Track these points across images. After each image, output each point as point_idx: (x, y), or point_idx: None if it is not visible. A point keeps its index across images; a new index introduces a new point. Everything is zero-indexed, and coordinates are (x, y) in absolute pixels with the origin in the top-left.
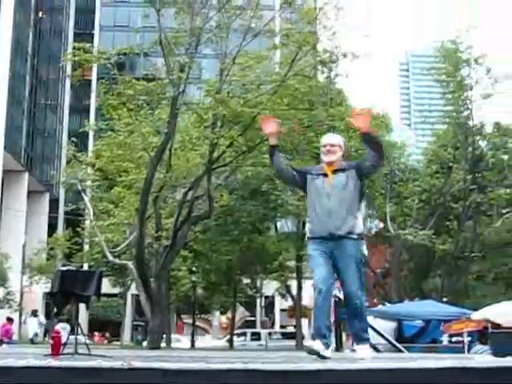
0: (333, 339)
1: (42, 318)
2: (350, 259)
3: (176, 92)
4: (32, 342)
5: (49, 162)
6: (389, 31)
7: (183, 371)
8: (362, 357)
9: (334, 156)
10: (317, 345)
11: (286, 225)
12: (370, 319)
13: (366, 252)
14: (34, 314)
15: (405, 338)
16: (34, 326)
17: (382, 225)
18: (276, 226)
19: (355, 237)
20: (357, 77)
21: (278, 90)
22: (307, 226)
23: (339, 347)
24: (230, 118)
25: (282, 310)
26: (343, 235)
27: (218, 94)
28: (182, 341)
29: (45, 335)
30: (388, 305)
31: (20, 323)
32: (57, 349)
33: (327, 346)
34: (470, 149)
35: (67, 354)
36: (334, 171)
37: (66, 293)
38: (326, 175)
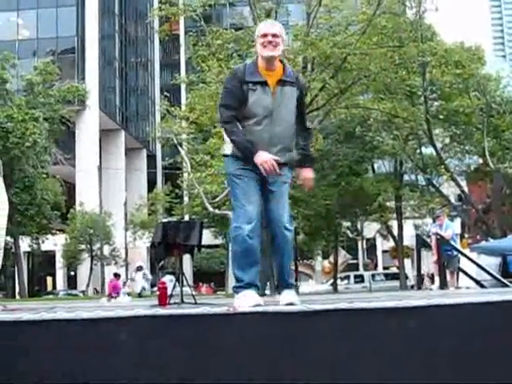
0: (437, 278)
1: (147, 272)
2: (284, 187)
3: None
4: (140, 296)
5: (143, 118)
6: None
7: (281, 313)
8: (291, 301)
9: (277, 50)
10: (255, 298)
11: (383, 165)
12: (474, 255)
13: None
14: (139, 268)
15: (510, 273)
16: (140, 281)
17: (480, 160)
18: (373, 167)
19: (293, 164)
20: (446, 10)
21: (366, 29)
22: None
23: (443, 285)
24: (320, 60)
25: (384, 252)
26: (282, 163)
27: (306, 38)
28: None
29: (152, 289)
30: (491, 240)
31: (127, 278)
32: (163, 299)
33: (259, 293)
34: None
35: (174, 303)
36: (280, 82)
37: (169, 244)
38: (266, 84)
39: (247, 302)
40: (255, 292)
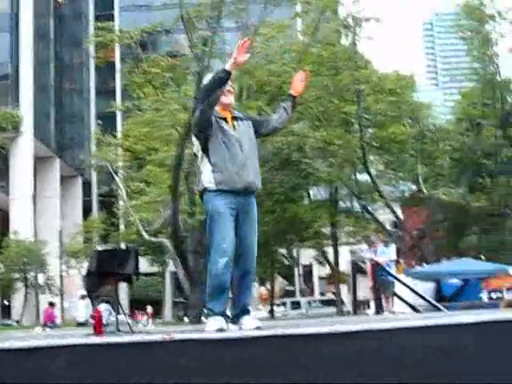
0: (372, 303)
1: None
2: (255, 222)
3: (201, 66)
4: (83, 325)
5: (79, 145)
6: None
7: (222, 340)
8: (256, 325)
9: (232, 97)
10: (221, 323)
11: (318, 192)
12: (409, 280)
13: None
14: (83, 297)
15: (444, 298)
16: (82, 310)
17: (414, 187)
18: (309, 194)
19: (255, 194)
20: (381, 39)
21: (302, 58)
22: (212, 175)
23: (379, 310)
24: (256, 88)
25: (321, 278)
26: (253, 191)
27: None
28: None
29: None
30: (425, 266)
31: (62, 307)
32: (99, 328)
33: (227, 321)
34: (499, 104)
35: (109, 332)
36: (234, 118)
37: (104, 272)
38: (226, 120)
39: (213, 325)
40: (223, 319)
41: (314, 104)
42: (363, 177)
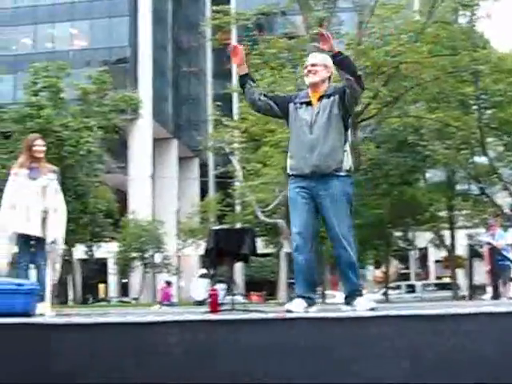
0: (489, 288)
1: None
2: (337, 198)
3: (317, 47)
4: (201, 303)
5: (196, 127)
6: None
7: (334, 319)
8: (370, 306)
9: (316, 76)
10: (295, 305)
11: (435, 175)
12: None
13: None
14: (203, 276)
15: None
16: (202, 288)
17: None
18: (425, 177)
19: (343, 174)
20: (504, 16)
21: (418, 38)
22: (288, 161)
23: (496, 295)
24: (372, 69)
25: (437, 261)
26: (328, 172)
27: (358, 46)
28: (336, 296)
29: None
30: None
31: (178, 286)
32: (214, 306)
33: (310, 303)
34: None
35: (224, 310)
36: (320, 98)
37: (221, 251)
38: (310, 103)
39: (286, 307)
40: (302, 301)
41: (430, 85)
42: (481, 159)
